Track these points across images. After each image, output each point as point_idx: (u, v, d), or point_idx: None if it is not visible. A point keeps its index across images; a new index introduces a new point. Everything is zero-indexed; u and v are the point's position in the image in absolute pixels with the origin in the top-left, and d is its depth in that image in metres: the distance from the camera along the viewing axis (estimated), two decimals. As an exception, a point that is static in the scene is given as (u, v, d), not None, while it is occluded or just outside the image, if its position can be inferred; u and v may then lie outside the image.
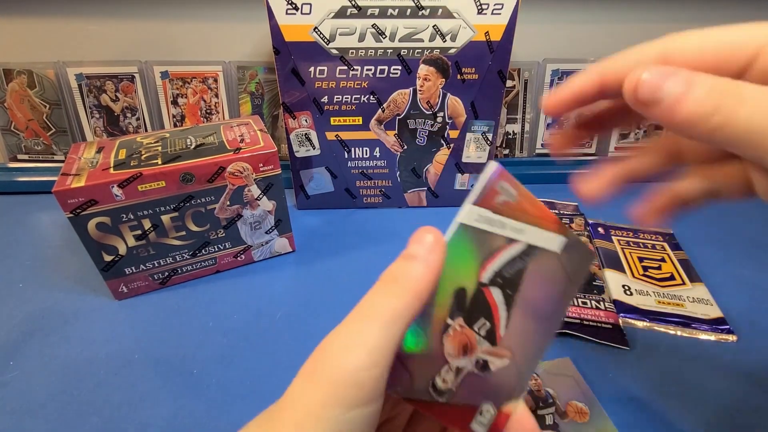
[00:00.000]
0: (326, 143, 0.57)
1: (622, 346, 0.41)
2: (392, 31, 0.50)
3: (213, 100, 0.64)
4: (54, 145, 0.65)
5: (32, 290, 0.48)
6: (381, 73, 0.52)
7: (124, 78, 0.62)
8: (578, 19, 0.63)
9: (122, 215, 0.42)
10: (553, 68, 0.64)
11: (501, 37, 0.50)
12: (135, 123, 0.65)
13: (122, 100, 0.63)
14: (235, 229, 0.48)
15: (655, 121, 0.19)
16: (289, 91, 0.53)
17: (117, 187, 0.41)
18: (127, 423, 0.35)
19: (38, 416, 0.36)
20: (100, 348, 0.42)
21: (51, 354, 0.41)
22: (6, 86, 0.61)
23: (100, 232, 0.42)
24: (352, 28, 0.49)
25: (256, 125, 0.50)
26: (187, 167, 0.42)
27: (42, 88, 0.62)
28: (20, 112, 0.63)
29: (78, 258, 0.52)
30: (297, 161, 0.58)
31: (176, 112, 0.65)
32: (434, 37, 0.50)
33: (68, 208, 0.40)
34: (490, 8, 0.49)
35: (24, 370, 0.39)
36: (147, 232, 0.44)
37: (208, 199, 0.45)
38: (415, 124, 0.56)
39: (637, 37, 0.67)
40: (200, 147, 0.45)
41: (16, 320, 0.44)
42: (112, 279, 0.45)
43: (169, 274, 0.48)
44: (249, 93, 0.64)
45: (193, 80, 0.63)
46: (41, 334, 0.43)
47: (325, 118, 0.55)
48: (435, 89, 0.53)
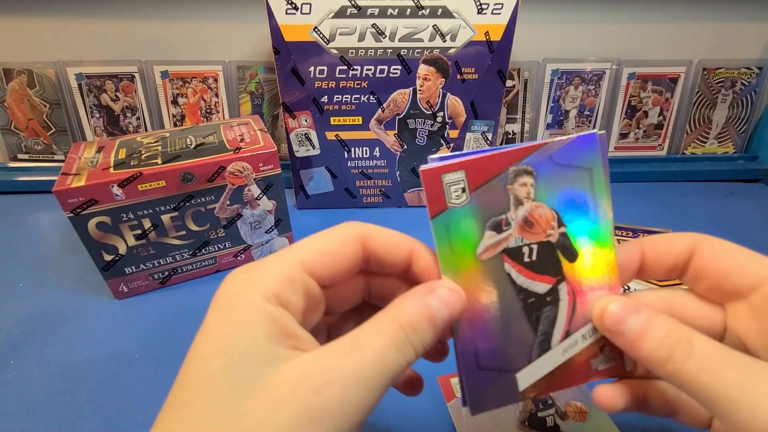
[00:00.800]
0: (326, 143, 0.57)
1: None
2: (392, 30, 0.50)
3: (213, 100, 0.64)
4: (54, 144, 0.65)
5: (32, 290, 0.48)
6: (381, 73, 0.52)
7: (124, 78, 0.62)
8: (578, 19, 0.63)
9: (122, 215, 0.42)
10: (553, 68, 0.64)
11: (501, 37, 0.50)
12: (135, 123, 0.65)
13: (122, 99, 0.63)
14: (235, 229, 0.48)
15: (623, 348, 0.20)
16: (289, 90, 0.53)
17: (117, 187, 0.41)
18: (127, 423, 0.35)
19: (38, 416, 0.35)
20: (100, 348, 0.42)
21: (51, 354, 0.41)
22: (6, 86, 0.61)
23: (100, 231, 0.42)
24: (352, 28, 0.49)
25: (256, 125, 0.50)
26: (187, 167, 0.43)
27: (42, 88, 0.62)
28: (20, 111, 0.63)
29: (78, 258, 0.52)
30: (297, 161, 0.58)
31: (176, 111, 0.65)
32: (434, 36, 0.50)
33: (68, 208, 0.40)
34: (490, 8, 0.49)
35: (24, 370, 0.39)
36: (147, 231, 0.44)
37: (208, 199, 0.45)
38: (414, 124, 0.56)
39: (637, 37, 0.67)
40: (200, 147, 0.45)
41: (16, 320, 0.44)
42: (112, 279, 0.45)
43: (169, 274, 0.48)
44: (249, 93, 0.64)
45: (193, 80, 0.63)
46: (41, 334, 0.43)
47: (325, 118, 0.55)
48: (435, 89, 0.54)
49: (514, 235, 0.21)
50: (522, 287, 0.22)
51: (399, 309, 0.19)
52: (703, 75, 0.64)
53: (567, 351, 0.22)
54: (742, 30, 0.64)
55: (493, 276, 0.21)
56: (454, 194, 0.20)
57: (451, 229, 0.21)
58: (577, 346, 0.22)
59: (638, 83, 0.65)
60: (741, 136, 0.68)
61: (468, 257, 0.21)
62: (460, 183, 0.20)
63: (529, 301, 0.22)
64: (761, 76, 0.64)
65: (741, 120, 0.67)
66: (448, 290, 0.20)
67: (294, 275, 0.19)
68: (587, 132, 0.20)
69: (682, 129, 0.67)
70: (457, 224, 0.21)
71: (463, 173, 0.20)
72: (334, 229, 0.21)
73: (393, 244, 0.22)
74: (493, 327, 0.22)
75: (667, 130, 0.68)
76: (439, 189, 0.20)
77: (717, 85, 0.64)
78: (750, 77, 0.64)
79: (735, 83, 0.64)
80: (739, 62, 0.63)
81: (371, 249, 0.21)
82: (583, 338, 0.22)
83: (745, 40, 0.65)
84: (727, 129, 0.67)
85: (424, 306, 0.19)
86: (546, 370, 0.22)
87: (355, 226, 0.21)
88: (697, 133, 0.68)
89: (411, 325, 0.19)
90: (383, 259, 0.22)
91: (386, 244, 0.22)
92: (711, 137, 0.68)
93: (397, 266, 0.22)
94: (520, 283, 0.21)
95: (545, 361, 0.22)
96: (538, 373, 0.22)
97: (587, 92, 0.65)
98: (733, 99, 0.65)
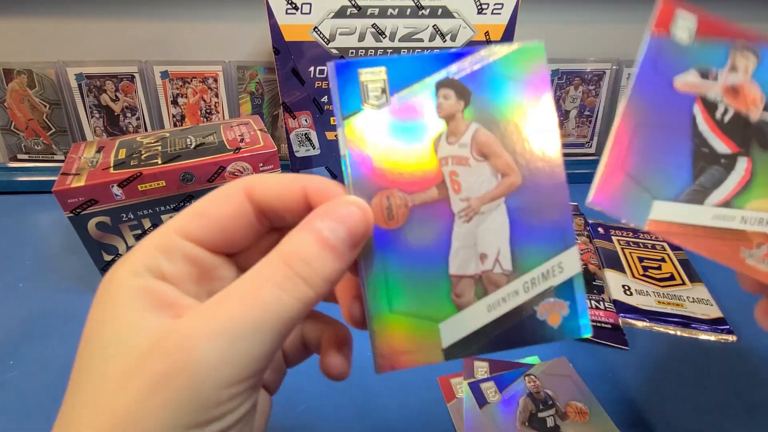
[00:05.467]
0: (326, 143, 0.57)
1: (622, 346, 0.41)
2: (392, 30, 0.50)
3: (213, 100, 0.64)
4: (54, 144, 0.65)
5: (32, 290, 0.48)
6: (381, 73, 0.52)
7: (124, 78, 0.62)
8: (578, 19, 0.63)
9: (122, 215, 0.42)
10: (553, 68, 0.64)
11: (501, 37, 0.50)
12: (135, 123, 0.65)
13: (122, 99, 0.63)
14: (235, 229, 0.48)
15: None
16: (289, 90, 0.53)
17: (117, 187, 0.41)
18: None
19: (38, 416, 0.35)
20: (100, 348, 0.41)
21: (51, 354, 0.41)
22: (6, 86, 0.61)
23: (100, 231, 0.42)
24: (352, 28, 0.49)
25: (256, 125, 0.50)
26: (187, 167, 0.42)
27: (42, 88, 0.62)
28: (20, 111, 0.63)
29: (78, 258, 0.51)
30: (297, 161, 0.58)
31: (176, 111, 0.65)
32: (434, 36, 0.50)
33: (68, 208, 0.40)
34: (490, 8, 0.49)
35: (24, 370, 0.39)
36: (147, 231, 0.44)
37: (208, 199, 0.45)
38: (415, 124, 0.56)
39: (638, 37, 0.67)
40: (200, 147, 0.45)
41: (16, 320, 0.44)
42: (112, 279, 0.45)
43: (169, 274, 0.48)
44: (249, 93, 0.64)
45: (193, 80, 0.63)
46: (41, 334, 0.43)
47: (325, 118, 0.55)
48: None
49: (716, 90, 0.21)
50: (702, 134, 0.21)
51: (285, 243, 0.17)
52: (704, 75, 0.64)
53: (720, 219, 0.20)
54: (742, 30, 0.64)
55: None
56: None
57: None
58: (733, 222, 0.20)
59: (638, 83, 0.64)
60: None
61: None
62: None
63: (702, 150, 0.21)
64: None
65: (741, 120, 0.67)
66: (346, 204, 0.17)
67: (168, 244, 0.17)
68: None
69: (683, 129, 0.67)
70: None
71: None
72: (219, 188, 0.19)
73: (281, 187, 0.19)
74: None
75: (667, 131, 0.68)
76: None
77: (717, 85, 0.64)
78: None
79: (735, 83, 0.64)
80: (739, 62, 0.63)
81: (259, 199, 0.19)
82: (743, 220, 0.20)
83: (745, 41, 0.65)
84: (728, 129, 0.67)
85: (314, 230, 0.16)
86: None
87: (242, 180, 0.19)
88: (698, 133, 0.68)
89: (298, 255, 0.16)
90: (276, 206, 0.19)
91: (274, 190, 0.19)
92: (711, 137, 0.68)
93: (295, 211, 0.19)
94: (702, 130, 0.21)
95: (692, 211, 0.20)
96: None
97: (587, 92, 0.65)
98: (734, 99, 0.65)
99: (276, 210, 0.19)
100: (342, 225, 0.17)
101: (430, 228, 0.19)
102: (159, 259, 0.17)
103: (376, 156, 0.19)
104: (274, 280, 0.16)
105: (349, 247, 0.17)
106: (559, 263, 0.20)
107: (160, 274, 0.17)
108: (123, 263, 0.17)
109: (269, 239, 0.20)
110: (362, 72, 0.18)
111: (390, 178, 0.19)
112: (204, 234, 0.18)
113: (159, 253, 0.17)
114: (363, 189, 0.19)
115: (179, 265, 0.17)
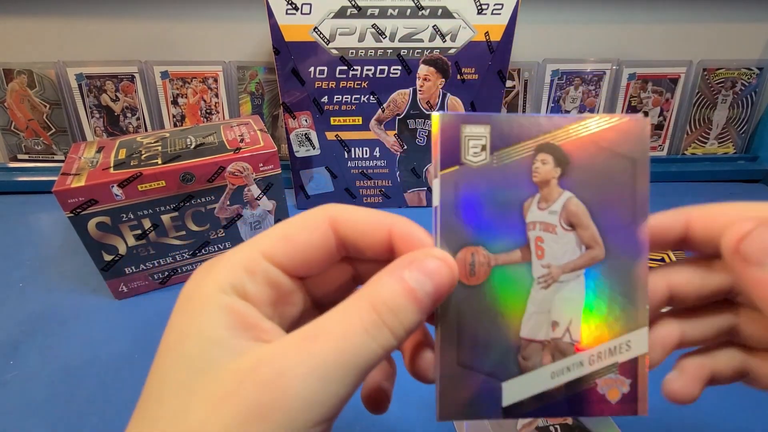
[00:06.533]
0: (326, 143, 0.57)
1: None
2: (392, 31, 0.50)
3: (213, 100, 0.64)
4: (54, 144, 0.65)
5: (32, 290, 0.48)
6: (381, 73, 0.52)
7: (124, 78, 0.62)
8: (578, 20, 0.63)
9: (122, 215, 0.42)
10: (553, 68, 0.64)
11: (501, 38, 0.50)
12: (135, 123, 0.65)
13: (122, 100, 0.63)
14: (235, 229, 0.48)
15: (747, 287, 0.17)
16: (289, 91, 0.53)
17: (117, 187, 0.41)
18: (127, 423, 0.35)
19: (38, 416, 0.35)
20: (100, 348, 0.41)
21: (51, 354, 0.41)
22: (6, 86, 0.61)
23: (100, 231, 0.42)
24: (352, 28, 0.49)
25: (256, 125, 0.50)
26: (187, 167, 0.43)
27: (42, 88, 0.62)
28: (20, 111, 0.63)
29: (78, 258, 0.52)
30: (297, 161, 0.58)
31: (176, 112, 0.65)
32: (434, 37, 0.50)
33: (68, 208, 0.40)
34: (490, 8, 0.49)
35: (24, 370, 0.39)
36: (147, 231, 0.44)
37: (208, 199, 0.45)
38: (415, 124, 0.56)
39: (637, 37, 0.67)
40: (200, 147, 0.45)
41: (16, 320, 0.44)
42: (112, 279, 0.45)
43: (169, 274, 0.48)
44: (249, 93, 0.64)
45: (193, 80, 0.63)
46: (41, 334, 0.43)
47: (325, 118, 0.55)
48: (435, 89, 0.54)
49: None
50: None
51: (372, 287, 0.17)
52: (704, 75, 0.64)
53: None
54: (742, 30, 0.64)
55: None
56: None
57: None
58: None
59: (638, 84, 0.64)
60: (741, 136, 0.68)
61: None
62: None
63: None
64: (761, 77, 0.64)
65: (741, 120, 0.67)
66: (434, 259, 0.17)
67: (253, 265, 0.18)
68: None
69: (683, 129, 0.67)
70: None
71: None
72: (303, 214, 0.19)
73: (367, 224, 0.19)
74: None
75: (667, 131, 0.68)
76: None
77: (717, 85, 0.64)
78: (750, 78, 0.64)
79: (735, 84, 0.64)
80: (739, 63, 0.63)
81: (343, 232, 0.19)
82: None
83: (745, 41, 0.65)
84: (728, 129, 0.67)
85: (401, 280, 0.16)
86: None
87: (327, 209, 0.19)
88: (698, 133, 0.68)
89: (386, 303, 0.16)
90: (359, 242, 0.19)
91: (359, 226, 0.19)
92: (711, 138, 0.68)
93: (377, 249, 0.19)
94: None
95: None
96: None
97: (587, 93, 0.65)
98: (734, 99, 0.65)
99: (358, 246, 0.19)
100: (429, 279, 0.17)
101: (508, 289, 0.19)
102: (244, 278, 0.17)
103: (466, 211, 0.19)
104: (363, 325, 0.16)
105: (433, 302, 0.17)
106: (627, 341, 0.20)
107: (244, 294, 0.17)
108: (209, 275, 0.17)
109: (340, 268, 0.21)
110: (465, 127, 0.18)
111: (477, 235, 0.19)
112: (287, 259, 0.18)
113: (244, 273, 0.17)
114: (450, 243, 0.19)
115: (261, 287, 0.18)
